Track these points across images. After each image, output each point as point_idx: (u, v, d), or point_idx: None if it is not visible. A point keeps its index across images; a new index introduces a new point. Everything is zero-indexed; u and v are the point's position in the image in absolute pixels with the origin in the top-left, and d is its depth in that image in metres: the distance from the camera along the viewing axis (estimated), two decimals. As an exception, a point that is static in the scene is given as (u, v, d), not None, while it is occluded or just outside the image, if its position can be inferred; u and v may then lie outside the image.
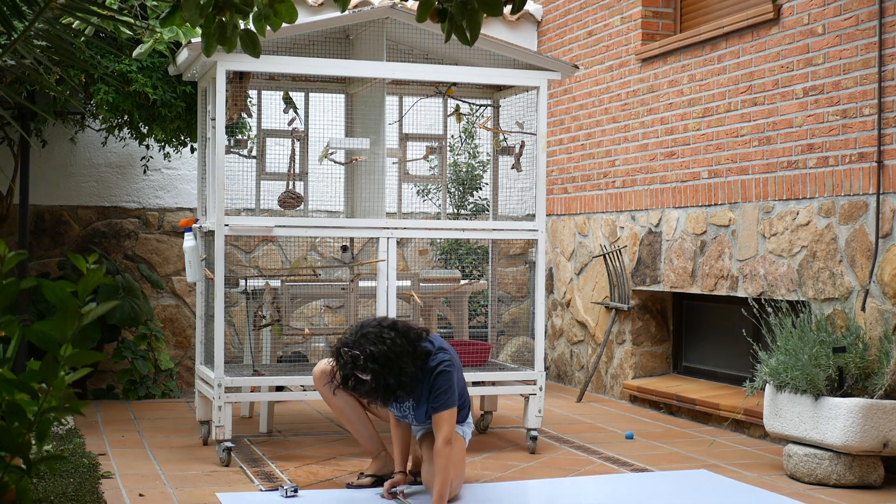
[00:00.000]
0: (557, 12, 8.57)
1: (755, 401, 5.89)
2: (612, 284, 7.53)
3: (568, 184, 8.33)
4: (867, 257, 5.42)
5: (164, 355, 7.46)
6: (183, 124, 6.39)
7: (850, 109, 5.57)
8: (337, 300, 6.69)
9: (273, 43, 5.58)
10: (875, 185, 5.38)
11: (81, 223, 7.79)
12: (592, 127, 8.00)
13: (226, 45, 2.84)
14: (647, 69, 7.33)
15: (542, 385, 5.72)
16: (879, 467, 5.02)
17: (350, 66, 5.59)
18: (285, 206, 5.94)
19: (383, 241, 5.52)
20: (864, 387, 5.05)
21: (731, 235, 6.44)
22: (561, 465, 5.43)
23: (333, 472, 5.15)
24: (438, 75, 5.72)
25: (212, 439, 5.54)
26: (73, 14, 4.26)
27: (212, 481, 4.93)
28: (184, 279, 7.88)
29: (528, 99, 6.00)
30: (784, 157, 6.02)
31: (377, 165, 5.65)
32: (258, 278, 6.10)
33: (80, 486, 4.54)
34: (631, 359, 7.41)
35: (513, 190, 6.67)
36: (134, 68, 6.01)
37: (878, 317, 5.32)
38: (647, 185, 7.27)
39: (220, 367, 5.29)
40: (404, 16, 5.49)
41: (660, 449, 5.87)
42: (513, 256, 8.80)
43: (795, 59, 5.97)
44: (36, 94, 6.71)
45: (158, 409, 7.03)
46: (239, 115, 5.61)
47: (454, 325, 6.54)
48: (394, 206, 6.67)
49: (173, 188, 7.99)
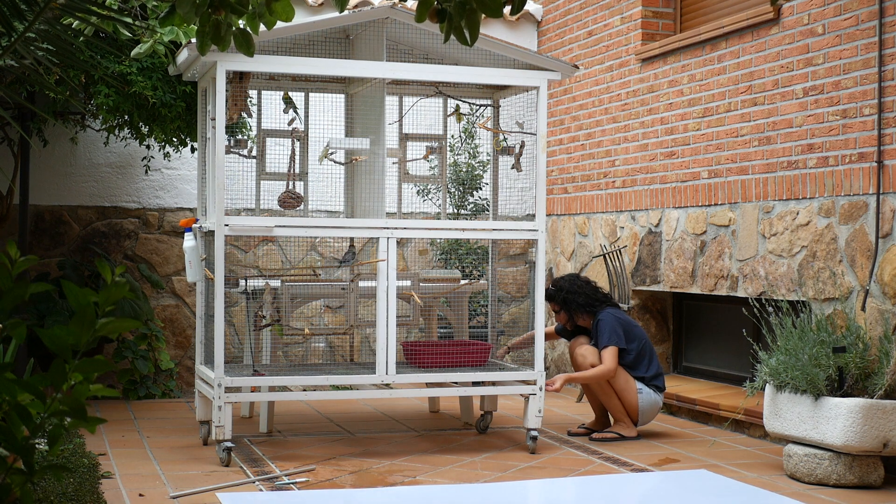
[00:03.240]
0: (557, 12, 8.57)
1: (755, 401, 5.89)
2: (612, 284, 7.53)
3: (568, 184, 8.33)
4: (867, 257, 5.42)
5: (164, 355, 7.47)
6: (183, 124, 6.39)
7: (850, 109, 5.57)
8: (337, 300, 6.70)
9: (273, 43, 5.58)
10: (875, 185, 5.38)
11: (81, 223, 7.79)
12: (592, 127, 8.00)
13: (220, 45, 2.84)
14: (647, 69, 7.33)
15: (542, 385, 5.72)
16: (879, 467, 5.02)
17: (350, 66, 5.59)
18: (285, 206, 5.94)
19: (383, 241, 5.52)
20: (865, 387, 5.05)
21: (731, 235, 6.44)
22: (561, 465, 5.43)
23: (333, 473, 5.15)
24: (438, 75, 5.72)
25: (212, 439, 5.54)
26: (73, 14, 4.26)
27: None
28: (184, 279, 7.88)
29: (528, 99, 6.00)
30: (784, 157, 6.02)
31: (377, 165, 5.65)
32: (258, 278, 6.10)
33: (80, 486, 4.54)
34: (631, 359, 7.41)
35: (513, 190, 6.67)
36: (134, 69, 6.01)
37: (879, 317, 5.32)
38: (647, 185, 7.27)
39: (220, 367, 5.29)
40: (404, 16, 5.49)
41: (660, 449, 5.87)
42: (513, 256, 8.79)
43: (795, 59, 5.97)
44: (36, 94, 6.72)
45: (158, 409, 7.03)
46: (239, 115, 5.61)
47: (454, 325, 6.54)
48: (394, 206, 6.67)
49: (173, 188, 7.99)
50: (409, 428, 6.40)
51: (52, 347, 2.35)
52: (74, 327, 2.31)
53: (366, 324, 6.17)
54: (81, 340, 2.32)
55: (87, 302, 2.31)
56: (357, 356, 7.39)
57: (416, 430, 6.33)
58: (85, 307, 2.30)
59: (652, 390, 6.11)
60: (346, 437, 6.06)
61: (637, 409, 6.09)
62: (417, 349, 5.90)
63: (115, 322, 2.33)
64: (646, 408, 6.10)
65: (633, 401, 6.08)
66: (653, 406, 6.12)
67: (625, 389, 6.06)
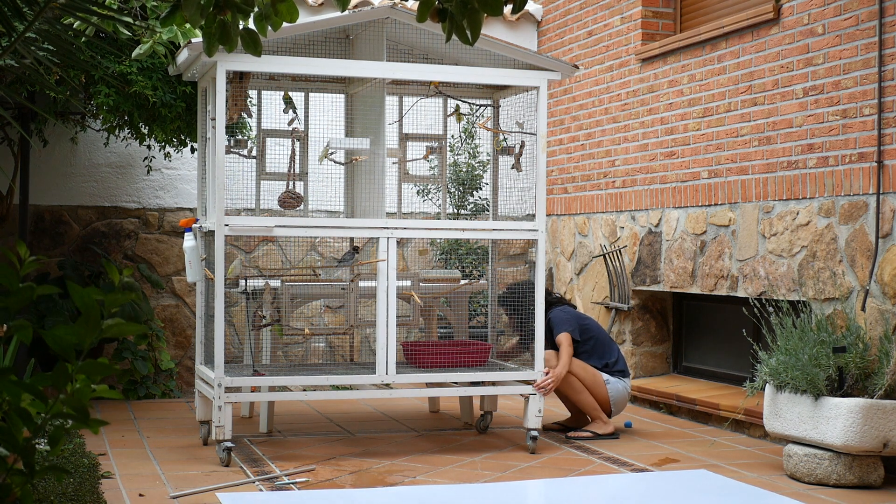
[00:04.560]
0: (557, 12, 8.57)
1: (755, 401, 5.89)
2: (612, 284, 7.53)
3: (568, 184, 8.33)
4: (867, 257, 5.42)
5: (164, 355, 7.47)
6: (183, 124, 6.39)
7: (850, 109, 5.57)
8: (337, 300, 6.69)
9: (273, 43, 5.58)
10: (875, 185, 5.38)
11: (81, 223, 7.79)
12: (592, 127, 8.00)
13: (227, 45, 2.84)
14: (647, 69, 7.33)
15: (543, 385, 5.72)
16: (879, 467, 5.02)
17: (350, 66, 5.59)
18: (285, 206, 5.94)
19: (383, 241, 5.52)
20: (865, 387, 5.05)
21: (731, 235, 6.44)
22: (561, 465, 5.43)
23: (333, 473, 5.15)
24: (438, 75, 5.72)
25: (212, 439, 5.54)
26: (74, 14, 4.26)
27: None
28: (184, 279, 7.88)
29: (528, 99, 5.99)
30: (784, 157, 6.02)
31: (377, 165, 5.65)
32: (258, 278, 6.10)
33: (80, 486, 4.54)
34: (631, 359, 7.41)
35: (513, 190, 6.67)
36: (134, 69, 6.01)
37: (879, 317, 5.32)
38: (647, 185, 7.27)
39: (220, 367, 5.29)
40: (404, 16, 5.49)
41: (660, 449, 5.87)
42: (513, 256, 8.79)
43: (795, 59, 5.97)
44: (36, 94, 6.72)
45: (158, 409, 7.03)
46: (239, 115, 5.61)
47: (454, 325, 6.54)
48: (394, 206, 6.66)
49: (173, 188, 7.99)
50: (409, 428, 6.40)
51: (56, 348, 2.34)
52: (80, 328, 2.31)
53: (366, 324, 6.17)
54: (86, 341, 2.31)
55: (93, 302, 2.30)
56: (357, 356, 7.39)
57: (416, 430, 6.33)
58: (90, 308, 2.30)
59: (617, 378, 6.23)
60: (346, 437, 6.06)
61: (609, 401, 6.20)
62: (417, 349, 5.90)
63: (121, 324, 2.32)
64: (617, 398, 6.21)
65: (603, 393, 6.19)
66: (622, 394, 6.24)
67: (594, 384, 6.17)
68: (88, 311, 2.30)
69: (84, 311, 2.30)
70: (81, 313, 2.32)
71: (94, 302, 2.30)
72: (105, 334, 2.34)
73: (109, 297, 2.32)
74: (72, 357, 2.33)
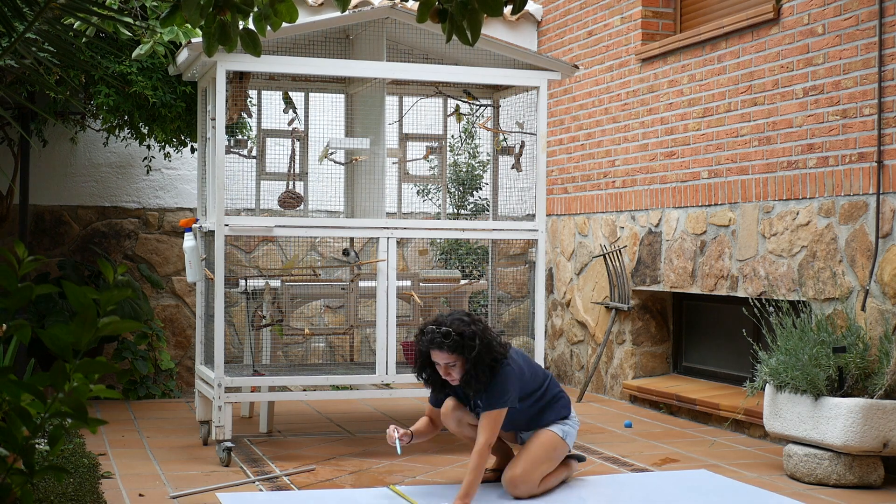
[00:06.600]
0: (557, 12, 8.57)
1: (755, 401, 5.89)
2: (612, 284, 7.53)
3: (568, 184, 8.33)
4: (867, 257, 5.42)
5: (164, 355, 7.47)
6: (183, 124, 6.39)
7: (850, 109, 5.57)
8: (337, 300, 6.70)
9: (273, 43, 5.58)
10: (875, 185, 5.38)
11: (81, 223, 7.79)
12: (592, 127, 8.00)
13: (227, 45, 2.85)
14: (647, 69, 7.33)
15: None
16: (879, 467, 5.02)
17: (350, 66, 5.59)
18: (285, 206, 5.94)
19: (383, 241, 5.52)
20: (865, 387, 5.05)
21: (731, 235, 6.44)
22: (561, 465, 5.43)
23: (333, 473, 5.15)
24: (438, 75, 5.72)
25: (212, 439, 5.54)
26: (74, 14, 4.26)
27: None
28: (184, 279, 7.88)
29: (528, 99, 6.00)
30: (784, 157, 6.02)
31: (377, 165, 5.66)
32: (258, 278, 6.10)
33: (80, 486, 4.54)
34: (631, 359, 7.41)
35: (513, 190, 6.67)
36: (134, 69, 6.01)
37: (879, 317, 5.32)
38: (647, 185, 7.27)
39: (220, 367, 5.29)
40: (404, 16, 5.49)
41: (660, 449, 5.87)
42: (513, 256, 8.80)
43: (795, 59, 5.97)
44: (36, 94, 6.72)
45: (158, 409, 7.03)
46: (239, 115, 5.61)
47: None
48: (394, 206, 6.67)
49: (173, 188, 7.99)
50: (409, 428, 6.40)
51: (53, 348, 2.34)
52: (76, 327, 2.31)
53: (366, 324, 6.17)
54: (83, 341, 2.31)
55: (89, 301, 2.30)
56: (357, 356, 7.39)
57: (416, 430, 6.32)
58: (86, 307, 2.30)
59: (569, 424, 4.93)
60: (346, 437, 6.06)
61: None
62: (417, 349, 5.89)
63: (116, 322, 2.33)
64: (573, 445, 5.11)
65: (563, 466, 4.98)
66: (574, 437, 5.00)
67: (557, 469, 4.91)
68: (84, 310, 2.30)
69: (80, 310, 2.30)
70: (77, 313, 2.32)
71: (89, 301, 2.30)
72: (101, 332, 2.34)
73: (105, 296, 2.32)
74: (69, 356, 2.33)
